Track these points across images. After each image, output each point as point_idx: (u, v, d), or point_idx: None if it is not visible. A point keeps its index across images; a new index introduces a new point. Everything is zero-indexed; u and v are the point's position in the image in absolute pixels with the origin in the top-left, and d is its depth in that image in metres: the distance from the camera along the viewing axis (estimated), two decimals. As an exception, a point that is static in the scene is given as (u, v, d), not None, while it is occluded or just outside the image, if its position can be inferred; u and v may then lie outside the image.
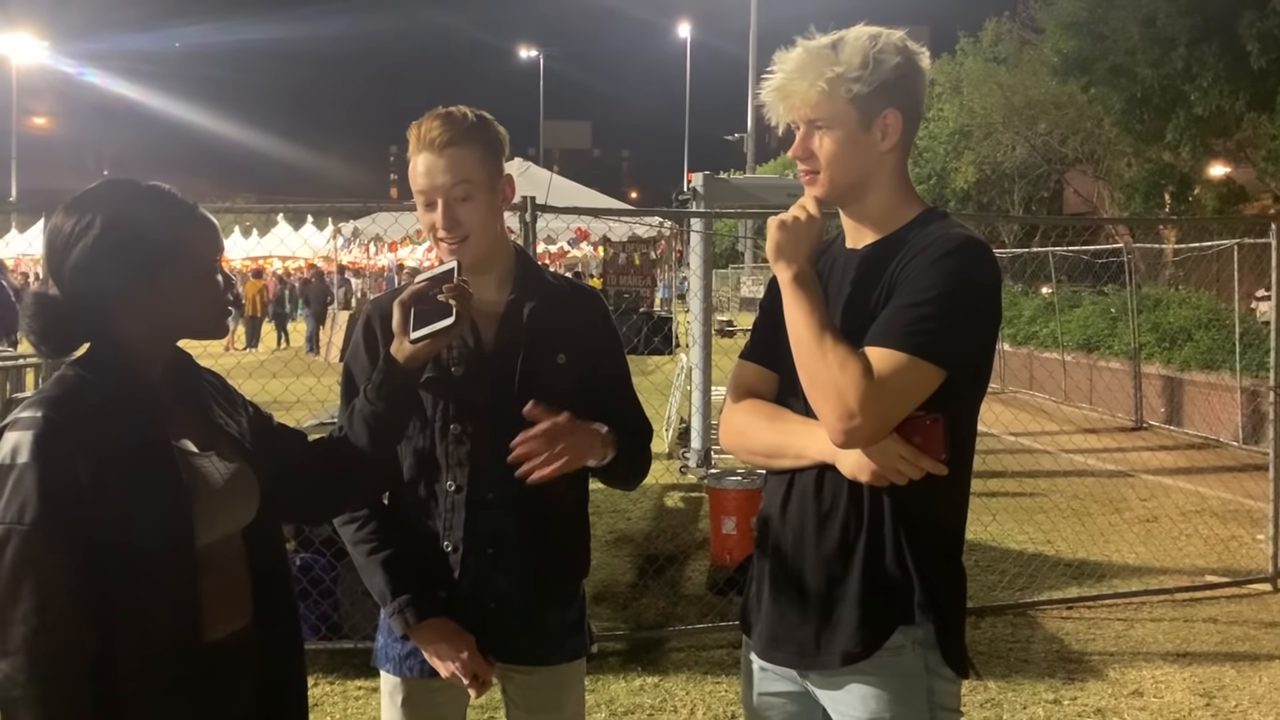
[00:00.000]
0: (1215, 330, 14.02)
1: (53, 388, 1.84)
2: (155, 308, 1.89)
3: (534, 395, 2.37)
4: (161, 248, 1.88)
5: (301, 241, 28.61)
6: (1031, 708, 4.94)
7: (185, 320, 1.96)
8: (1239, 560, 7.46)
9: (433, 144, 2.36)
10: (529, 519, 2.42)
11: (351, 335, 2.59)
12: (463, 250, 2.38)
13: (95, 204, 1.88)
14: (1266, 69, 15.92)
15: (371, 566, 2.44)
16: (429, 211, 2.39)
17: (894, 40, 2.11)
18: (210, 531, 1.90)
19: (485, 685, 2.42)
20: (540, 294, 2.50)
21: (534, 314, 2.46)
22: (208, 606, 1.89)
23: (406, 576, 2.42)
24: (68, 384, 1.85)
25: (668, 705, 4.94)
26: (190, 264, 1.92)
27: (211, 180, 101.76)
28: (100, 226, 1.85)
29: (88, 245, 1.84)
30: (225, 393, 2.13)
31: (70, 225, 1.86)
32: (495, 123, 2.46)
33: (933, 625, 2.08)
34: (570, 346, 2.48)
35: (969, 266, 2.03)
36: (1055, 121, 27.66)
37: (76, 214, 1.87)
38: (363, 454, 2.19)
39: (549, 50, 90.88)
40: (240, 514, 1.99)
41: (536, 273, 2.58)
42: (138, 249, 1.86)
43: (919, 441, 2.00)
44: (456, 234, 2.38)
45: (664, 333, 15.40)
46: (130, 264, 1.85)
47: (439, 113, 2.40)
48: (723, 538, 6.59)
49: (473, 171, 2.38)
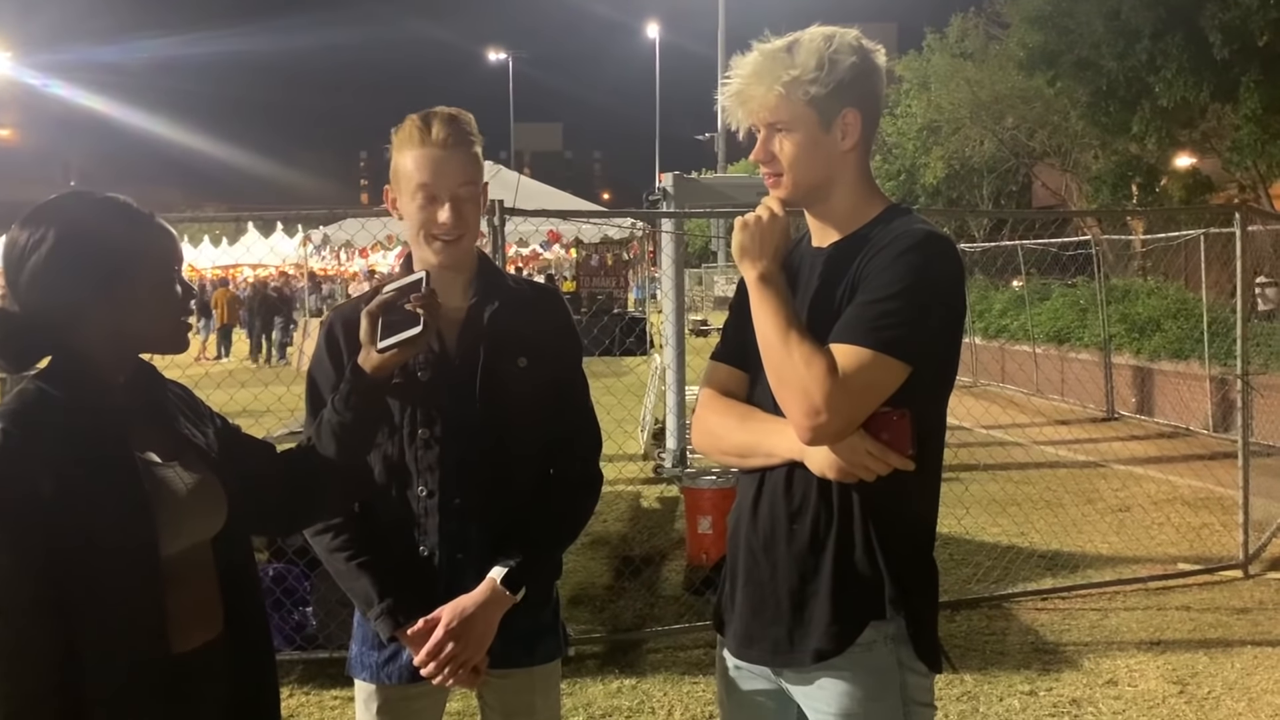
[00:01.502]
0: (1184, 320, 14.15)
1: (12, 401, 1.83)
2: (114, 319, 1.88)
3: (494, 399, 2.39)
4: (118, 258, 1.87)
5: (269, 249, 28.45)
6: (1008, 699, 4.96)
7: (144, 331, 1.94)
8: (1210, 548, 7.52)
9: (444, 142, 2.38)
10: (495, 523, 2.42)
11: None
12: (456, 248, 2.41)
13: (51, 216, 1.87)
14: (1229, 60, 16.06)
15: (352, 572, 2.42)
16: (429, 206, 2.40)
17: (849, 40, 2.11)
18: (176, 542, 1.88)
19: (480, 679, 2.41)
20: (501, 297, 2.50)
21: (495, 317, 2.46)
22: (176, 618, 1.87)
23: (387, 578, 2.40)
24: (27, 397, 1.83)
25: (645, 707, 4.94)
26: (148, 274, 1.91)
27: (180, 191, 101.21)
28: (55, 238, 1.83)
29: (42, 257, 1.83)
30: (191, 404, 2.11)
31: (25, 238, 1.85)
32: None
33: (904, 620, 2.09)
34: (531, 350, 2.48)
35: (931, 261, 2.04)
36: (1022, 115, 27.79)
37: (31, 226, 1.85)
38: (332, 465, 2.17)
39: (518, 53, 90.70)
40: (207, 524, 1.97)
41: (497, 276, 2.58)
42: (93, 260, 1.84)
43: (886, 437, 2.01)
44: (457, 231, 2.40)
45: (637, 333, 15.41)
46: (86, 275, 1.84)
47: (446, 113, 2.42)
48: (699, 537, 6.59)
49: (476, 173, 2.44)
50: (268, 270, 32.67)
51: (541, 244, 20.97)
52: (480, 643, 2.37)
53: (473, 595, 2.37)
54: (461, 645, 2.34)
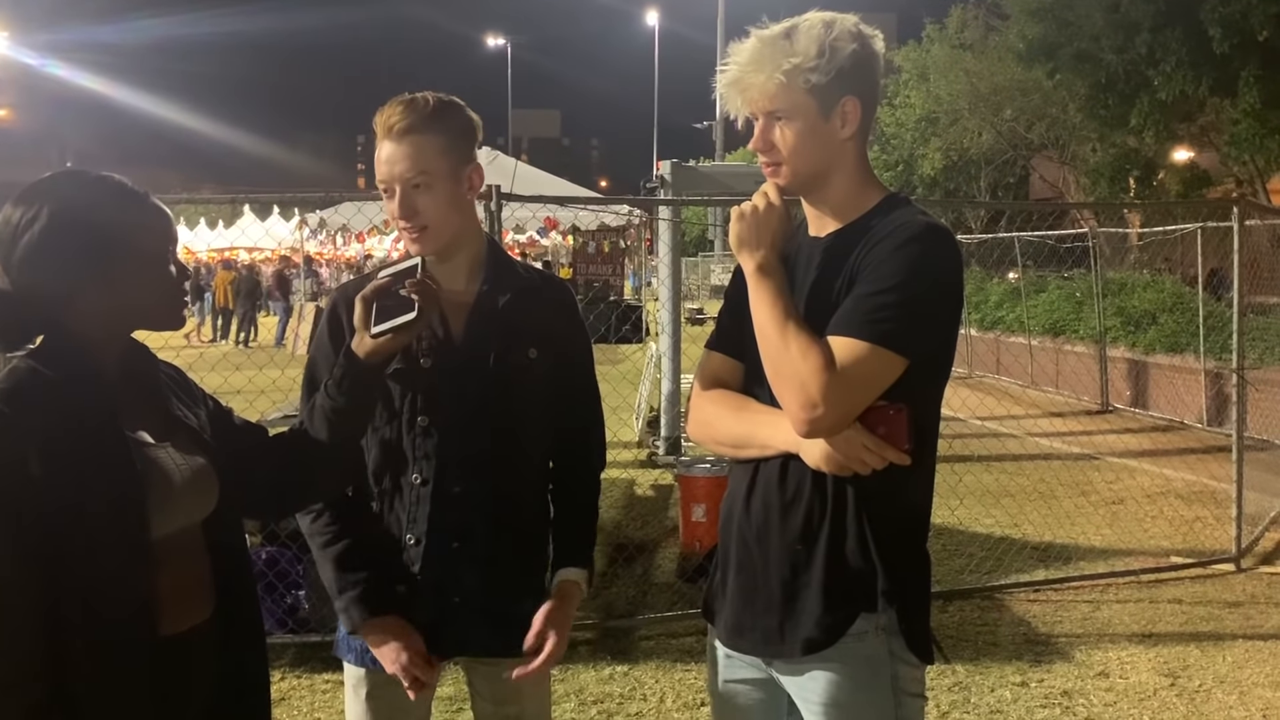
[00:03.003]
0: (1179, 314, 14.15)
1: (3, 380, 1.82)
2: (106, 298, 1.87)
3: (508, 391, 2.38)
4: (110, 237, 1.86)
5: (264, 232, 28.36)
6: (999, 690, 4.97)
7: (138, 310, 1.93)
8: (1203, 541, 7.54)
9: (391, 130, 2.32)
10: (495, 513, 2.41)
11: (317, 326, 2.56)
12: (423, 240, 2.35)
13: (43, 195, 1.86)
14: (1229, 54, 16.07)
15: (323, 560, 2.41)
16: (388, 199, 2.36)
17: (848, 26, 2.09)
18: (166, 523, 1.87)
19: (423, 686, 2.38)
20: (514, 286, 2.47)
21: (508, 307, 2.43)
22: (165, 600, 1.86)
23: (356, 571, 2.38)
24: (19, 375, 1.82)
25: (637, 693, 4.95)
26: (140, 253, 1.90)
27: (177, 173, 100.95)
28: (47, 217, 1.83)
29: (34, 236, 1.82)
30: (184, 385, 2.10)
31: (18, 216, 1.84)
32: (465, 109, 2.40)
33: (896, 611, 2.09)
34: (541, 340, 2.46)
35: (930, 253, 2.03)
36: (1021, 107, 27.79)
37: (25, 205, 1.85)
38: (323, 448, 2.16)
39: (517, 39, 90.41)
40: (198, 506, 1.97)
41: (508, 264, 2.55)
42: (85, 238, 1.84)
43: (883, 432, 2.00)
44: (414, 224, 2.34)
45: (633, 321, 15.37)
46: (78, 253, 1.83)
47: (402, 99, 2.35)
48: (692, 525, 6.59)
49: (431, 161, 2.32)
50: (263, 254, 32.59)
51: (538, 230, 20.92)
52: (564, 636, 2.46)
53: (562, 599, 2.47)
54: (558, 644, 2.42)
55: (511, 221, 16.35)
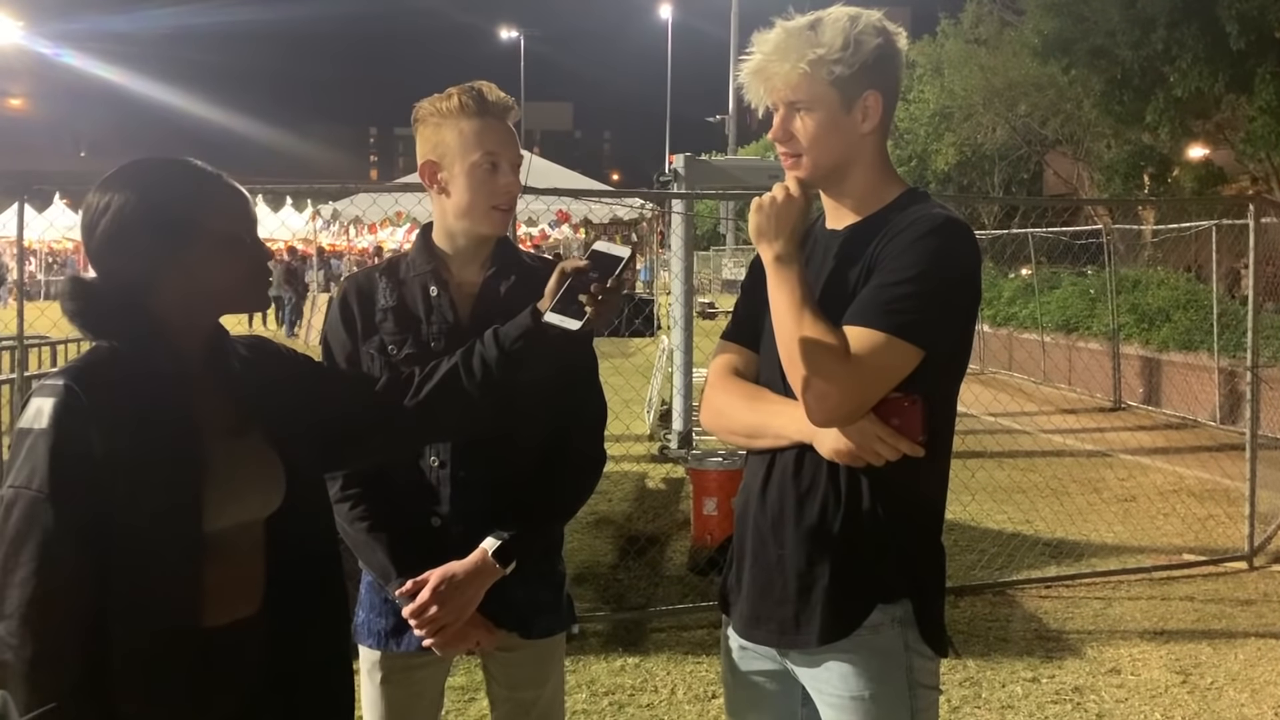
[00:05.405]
0: (1193, 311, 14.11)
1: (84, 358, 1.85)
2: (185, 280, 1.88)
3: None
4: (184, 219, 1.87)
5: (279, 223, 28.41)
6: (1010, 686, 4.97)
7: (220, 294, 1.94)
8: (1216, 539, 7.52)
9: (503, 111, 2.45)
10: (498, 497, 2.43)
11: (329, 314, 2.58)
12: (509, 216, 2.52)
13: (119, 181, 1.89)
14: (1245, 51, 15.99)
15: (373, 543, 2.43)
16: (493, 176, 2.43)
17: (873, 21, 2.10)
18: (220, 517, 1.87)
19: (490, 639, 2.45)
20: (518, 272, 2.51)
21: (510, 292, 2.46)
22: (211, 592, 1.85)
23: (410, 553, 2.41)
24: (98, 355, 1.85)
25: (649, 685, 4.96)
26: (216, 235, 1.91)
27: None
28: (121, 201, 1.85)
29: (110, 220, 1.85)
30: (273, 360, 2.08)
31: (97, 203, 1.87)
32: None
33: (911, 603, 2.09)
34: None
35: (949, 246, 2.03)
36: (1035, 103, 27.68)
37: (102, 192, 1.88)
38: (461, 394, 2.15)
39: (530, 31, 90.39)
40: (259, 503, 1.95)
41: (514, 252, 2.60)
42: (161, 222, 1.85)
43: (897, 423, 2.00)
44: (516, 198, 2.50)
45: (645, 314, 15.37)
46: (153, 238, 1.85)
47: (492, 85, 2.47)
48: (704, 518, 6.60)
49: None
50: (276, 244, 32.62)
51: (551, 223, 20.92)
52: (463, 610, 2.37)
53: (463, 563, 2.38)
54: (445, 610, 2.35)
55: (524, 214, 16.37)
